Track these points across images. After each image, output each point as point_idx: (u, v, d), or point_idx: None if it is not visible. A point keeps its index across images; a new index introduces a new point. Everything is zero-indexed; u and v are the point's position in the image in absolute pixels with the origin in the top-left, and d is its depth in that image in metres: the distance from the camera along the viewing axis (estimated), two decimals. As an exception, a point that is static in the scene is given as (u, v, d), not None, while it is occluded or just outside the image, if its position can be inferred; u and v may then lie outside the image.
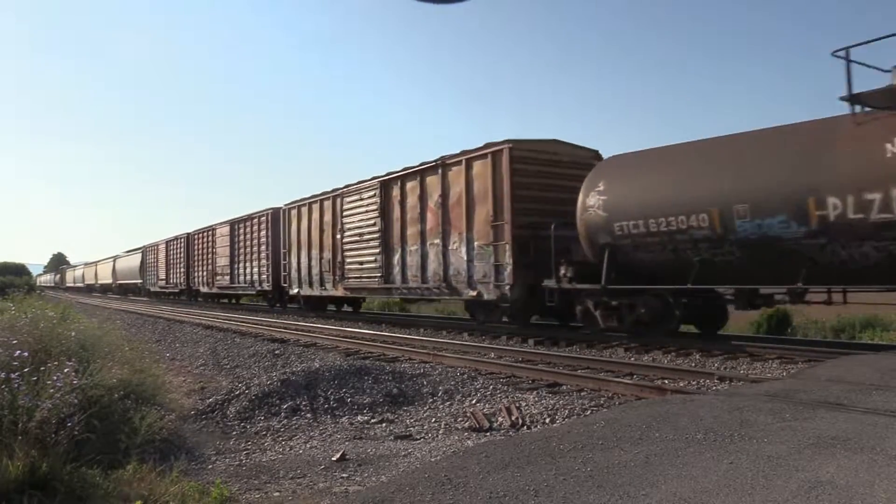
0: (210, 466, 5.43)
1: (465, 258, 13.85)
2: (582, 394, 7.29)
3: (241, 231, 27.38)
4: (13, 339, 5.91)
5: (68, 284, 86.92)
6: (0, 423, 4.31)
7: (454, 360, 9.67)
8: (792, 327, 15.09)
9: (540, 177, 13.17)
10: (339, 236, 19.14)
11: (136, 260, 48.89)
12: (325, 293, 20.50)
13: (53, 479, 3.93)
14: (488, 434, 5.93)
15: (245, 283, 27.00)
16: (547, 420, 6.24)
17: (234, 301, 33.05)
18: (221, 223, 30.04)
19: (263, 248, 24.92)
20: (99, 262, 67.14)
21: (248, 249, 26.49)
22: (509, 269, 12.69)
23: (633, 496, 2.84)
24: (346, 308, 23.06)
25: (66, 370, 4.76)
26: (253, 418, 6.96)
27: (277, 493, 4.52)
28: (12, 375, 4.55)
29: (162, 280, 41.04)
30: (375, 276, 17.24)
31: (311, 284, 21.02)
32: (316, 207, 20.67)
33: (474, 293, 13.77)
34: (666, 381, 7.60)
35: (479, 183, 13.59)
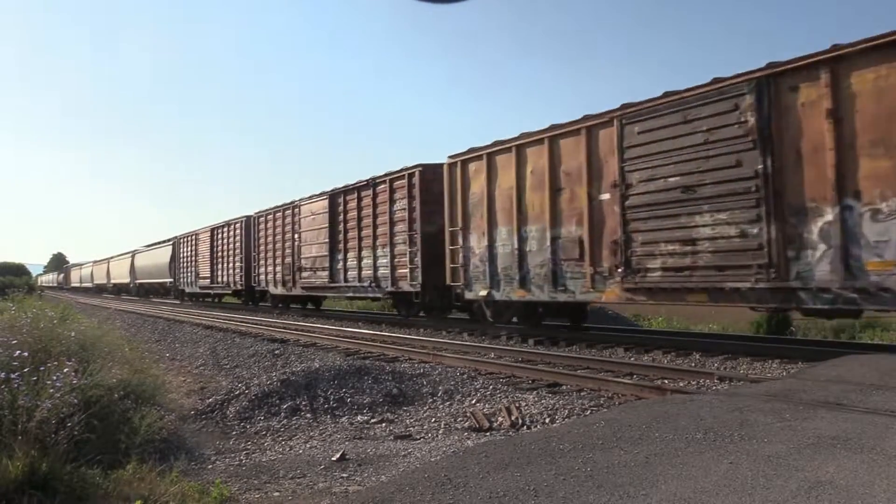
0: (210, 466, 5.43)
1: None
2: (582, 394, 7.29)
3: (351, 205, 18.45)
4: (13, 339, 5.92)
5: (73, 284, 79.51)
6: (0, 423, 4.31)
7: (454, 360, 9.67)
8: (792, 327, 15.09)
9: None
10: (606, 196, 10.57)
11: (163, 255, 39.35)
12: (560, 297, 11.56)
13: (53, 479, 3.93)
14: (488, 434, 5.93)
15: (360, 281, 17.86)
16: (547, 420, 6.24)
17: (309, 305, 24.46)
18: (312, 197, 20.79)
19: (402, 226, 15.94)
20: (112, 258, 58.10)
21: (368, 231, 17.52)
22: None
23: (633, 496, 2.84)
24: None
25: (65, 370, 4.76)
26: (253, 418, 6.97)
27: (277, 493, 4.52)
28: (12, 375, 4.56)
29: (204, 278, 31.43)
30: (746, 267, 8.69)
31: (523, 282, 12.23)
32: (536, 154, 11.93)
33: None
34: (666, 381, 7.60)
35: None
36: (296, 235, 21.67)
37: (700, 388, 7.15)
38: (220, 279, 29.39)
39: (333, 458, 5.26)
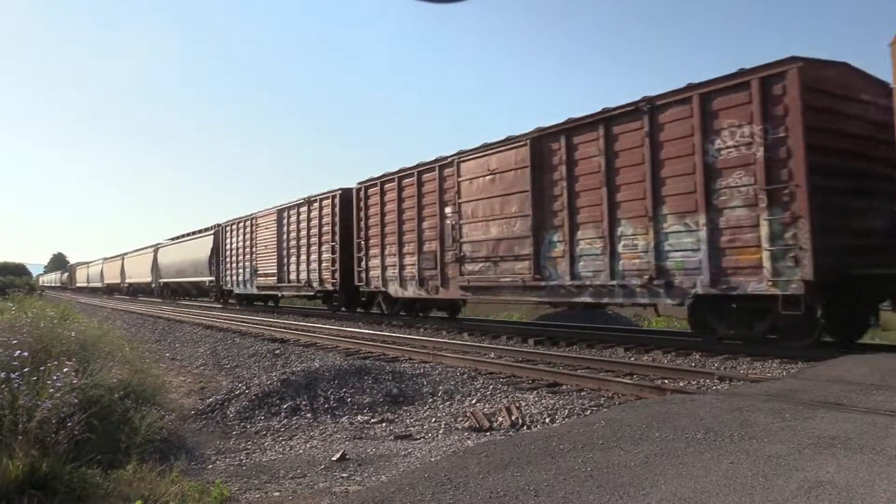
0: (210, 466, 5.44)
1: None
2: (582, 394, 7.29)
3: (585, 150, 10.91)
4: (13, 338, 5.92)
5: (79, 284, 72.67)
6: (0, 423, 4.31)
7: (454, 359, 9.67)
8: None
9: None
10: None
11: (201, 247, 31.07)
12: None
13: (53, 479, 3.94)
14: (488, 434, 5.93)
15: (615, 276, 10.37)
16: (547, 420, 6.24)
17: (435, 312, 17.14)
18: (486, 147, 13.16)
19: (739, 175, 8.62)
20: (128, 254, 50.64)
21: (632, 191, 10.12)
22: None
23: (633, 496, 2.84)
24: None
25: (66, 370, 4.77)
26: (253, 418, 6.97)
27: (277, 493, 4.52)
28: (12, 375, 4.56)
29: (267, 276, 23.31)
30: None
31: None
32: None
33: None
34: (666, 381, 7.60)
35: None
36: (446, 209, 14.47)
37: (700, 388, 7.15)
38: (293, 276, 21.36)
39: (334, 458, 5.26)
